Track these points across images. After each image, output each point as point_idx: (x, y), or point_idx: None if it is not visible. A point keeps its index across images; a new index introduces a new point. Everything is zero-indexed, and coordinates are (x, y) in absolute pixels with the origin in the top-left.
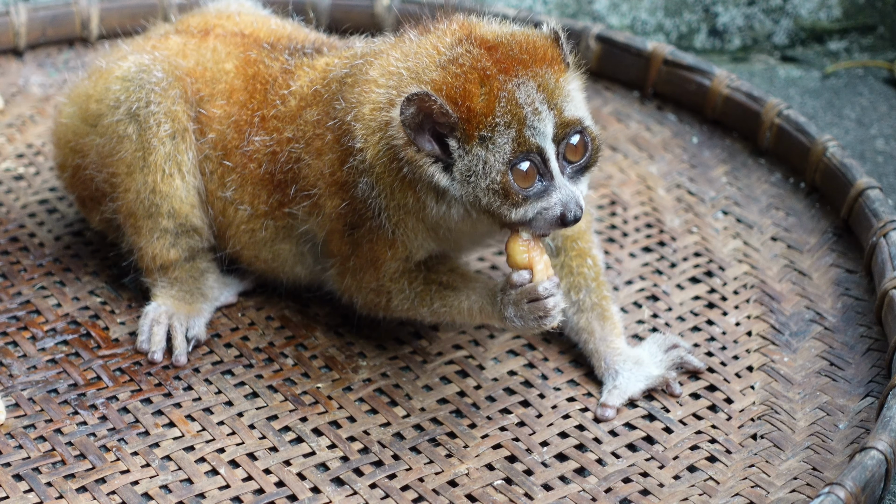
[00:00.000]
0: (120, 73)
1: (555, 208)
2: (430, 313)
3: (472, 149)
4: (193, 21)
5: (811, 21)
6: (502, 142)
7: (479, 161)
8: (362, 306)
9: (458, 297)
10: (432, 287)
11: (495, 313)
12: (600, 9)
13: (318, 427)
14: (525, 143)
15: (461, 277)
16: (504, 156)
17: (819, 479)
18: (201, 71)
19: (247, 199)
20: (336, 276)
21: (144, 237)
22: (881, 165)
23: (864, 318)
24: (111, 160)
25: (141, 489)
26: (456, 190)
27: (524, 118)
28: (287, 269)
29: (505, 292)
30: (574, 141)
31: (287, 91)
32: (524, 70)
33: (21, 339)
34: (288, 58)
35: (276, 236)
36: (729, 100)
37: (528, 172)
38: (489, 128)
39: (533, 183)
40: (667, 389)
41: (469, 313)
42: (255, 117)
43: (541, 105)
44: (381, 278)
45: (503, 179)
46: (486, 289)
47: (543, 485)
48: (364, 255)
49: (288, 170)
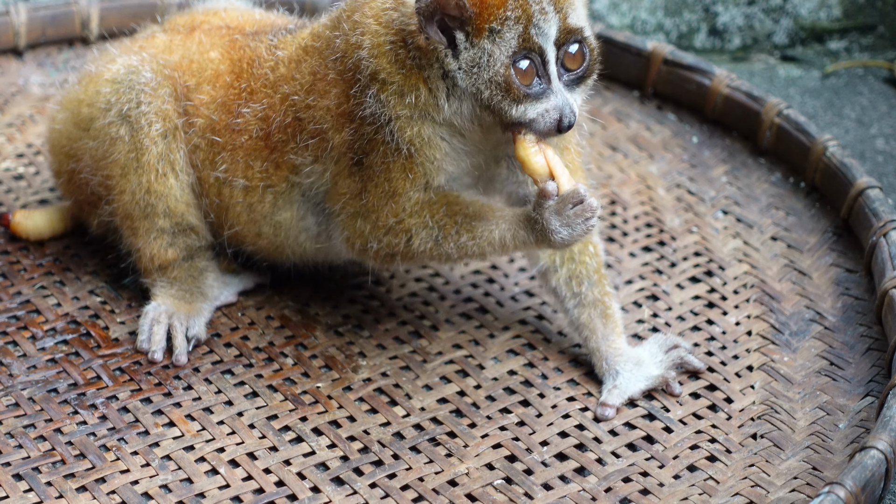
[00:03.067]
0: (109, 76)
1: (553, 112)
2: (456, 249)
3: (480, 42)
4: (181, 20)
5: (811, 21)
6: (509, 36)
7: (484, 54)
8: (377, 253)
9: (488, 226)
10: (458, 218)
11: (535, 234)
12: (600, 8)
13: (318, 426)
14: (529, 41)
15: (487, 207)
16: (509, 50)
17: (819, 479)
18: (188, 63)
19: (240, 172)
20: (347, 221)
21: (142, 238)
22: (881, 165)
23: (864, 318)
24: (105, 163)
25: (141, 489)
26: (461, 79)
27: (532, 16)
28: (291, 242)
29: (541, 206)
30: (573, 50)
31: (274, 60)
32: None
33: (21, 338)
34: (272, 38)
35: (275, 205)
36: (729, 99)
37: (527, 71)
38: (500, 20)
39: (532, 82)
40: (667, 389)
41: (501, 244)
42: (244, 92)
43: (548, 6)
44: (399, 213)
45: (506, 73)
46: (516, 215)
47: (543, 484)
48: (380, 188)
49: (287, 125)
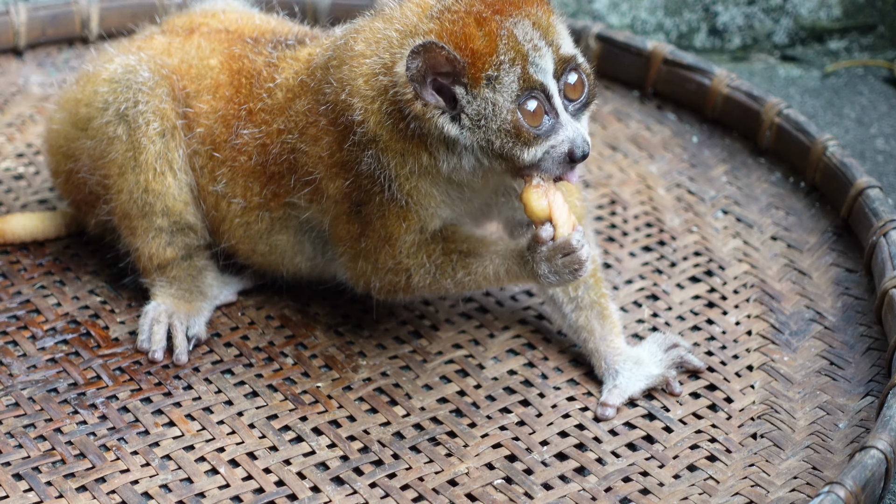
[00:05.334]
0: (107, 76)
1: (562, 145)
2: (454, 284)
3: (480, 92)
4: (179, 21)
5: (811, 20)
6: (509, 80)
7: (487, 104)
8: (380, 290)
9: (482, 263)
10: (453, 256)
11: (526, 272)
12: (600, 8)
13: (318, 426)
14: (529, 80)
15: (481, 243)
16: (512, 94)
17: (819, 479)
18: (186, 68)
19: (239, 192)
20: (348, 262)
21: (140, 237)
22: (881, 165)
23: (863, 318)
24: (103, 162)
25: (141, 488)
26: (466, 138)
27: (526, 55)
28: (286, 262)
29: (533, 250)
30: (572, 80)
31: (273, 84)
32: (516, 10)
33: (21, 338)
34: (271, 51)
35: (272, 227)
36: (729, 99)
37: (536, 111)
38: (495, 66)
39: (541, 121)
40: (667, 389)
41: (496, 277)
42: (242, 111)
43: (539, 42)
44: (397, 255)
45: (513, 118)
46: (509, 250)
47: (543, 484)
48: (376, 233)
49: (283, 161)
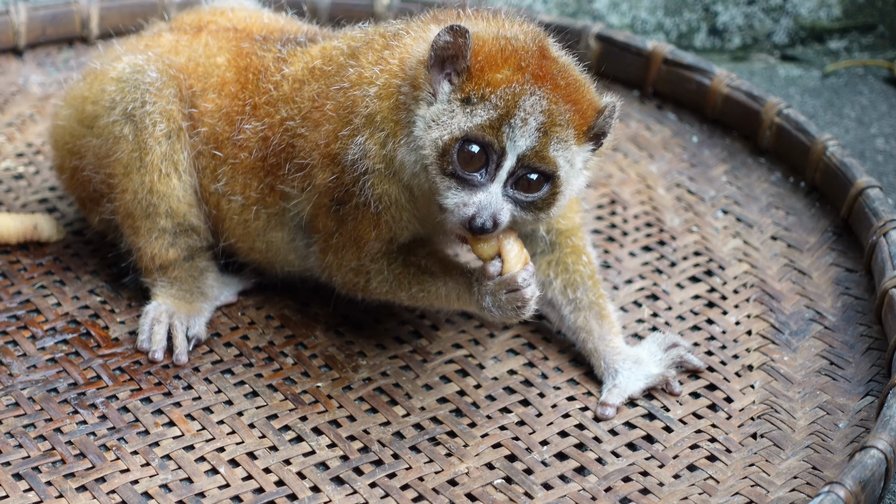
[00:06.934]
0: (115, 75)
1: (469, 207)
2: (408, 297)
3: (455, 100)
4: (187, 19)
5: (811, 20)
6: (481, 116)
7: (449, 114)
8: (342, 285)
9: (436, 283)
10: (411, 270)
11: (472, 302)
12: (600, 8)
13: (318, 426)
14: (495, 134)
15: (440, 263)
16: (469, 125)
17: (819, 478)
18: (193, 66)
19: (238, 189)
20: (318, 253)
21: (143, 237)
22: (881, 164)
23: (863, 317)
24: (108, 161)
25: (141, 488)
26: (420, 130)
27: (512, 117)
28: (281, 259)
29: (480, 282)
30: (533, 177)
31: (280, 75)
32: (552, 93)
33: (21, 338)
34: (280, 48)
35: (268, 224)
36: (729, 99)
37: (475, 159)
38: (481, 97)
39: (472, 172)
40: (667, 388)
41: (447, 299)
42: (247, 106)
43: (533, 121)
44: (361, 258)
45: (449, 140)
46: (463, 276)
47: (543, 484)
48: (348, 233)
49: (281, 150)
